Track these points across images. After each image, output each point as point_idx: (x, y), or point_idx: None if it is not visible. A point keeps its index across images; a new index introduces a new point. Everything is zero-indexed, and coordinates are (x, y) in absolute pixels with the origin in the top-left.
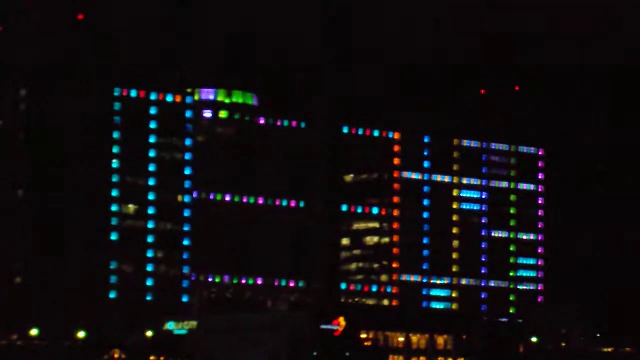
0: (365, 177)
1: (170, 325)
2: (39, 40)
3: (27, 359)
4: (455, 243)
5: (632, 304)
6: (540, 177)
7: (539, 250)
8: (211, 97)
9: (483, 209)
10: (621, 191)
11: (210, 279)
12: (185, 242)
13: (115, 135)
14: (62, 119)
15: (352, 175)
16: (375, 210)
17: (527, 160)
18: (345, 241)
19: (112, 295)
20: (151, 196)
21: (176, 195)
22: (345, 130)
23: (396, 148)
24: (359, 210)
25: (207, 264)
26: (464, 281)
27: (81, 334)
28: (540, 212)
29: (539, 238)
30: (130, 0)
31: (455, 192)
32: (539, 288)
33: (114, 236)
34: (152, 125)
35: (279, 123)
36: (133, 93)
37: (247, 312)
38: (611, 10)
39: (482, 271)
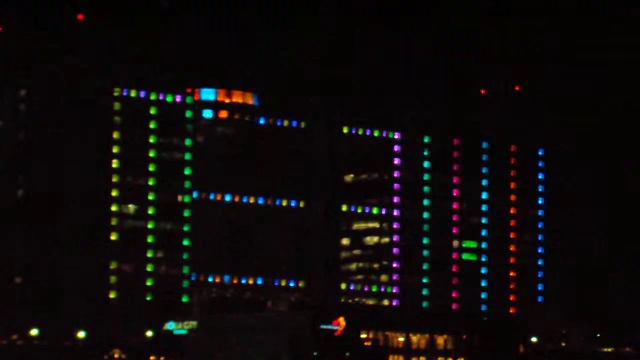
0: (365, 177)
1: (170, 326)
2: (39, 40)
3: (27, 359)
4: (455, 243)
5: (631, 303)
6: (539, 177)
7: (539, 250)
8: (211, 97)
9: (483, 209)
10: (621, 190)
11: (210, 279)
12: (185, 242)
13: (115, 135)
14: (62, 119)
15: (352, 175)
16: (375, 210)
17: (527, 160)
18: (345, 241)
19: (112, 295)
20: (151, 196)
21: (176, 195)
22: (345, 130)
23: (396, 148)
24: (359, 210)
25: (207, 264)
26: (463, 281)
27: (81, 334)
28: (540, 212)
29: (539, 238)
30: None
31: (455, 192)
32: (539, 288)
33: (114, 236)
34: (152, 125)
35: (279, 123)
36: (133, 93)
37: (247, 312)
38: None
39: (482, 271)
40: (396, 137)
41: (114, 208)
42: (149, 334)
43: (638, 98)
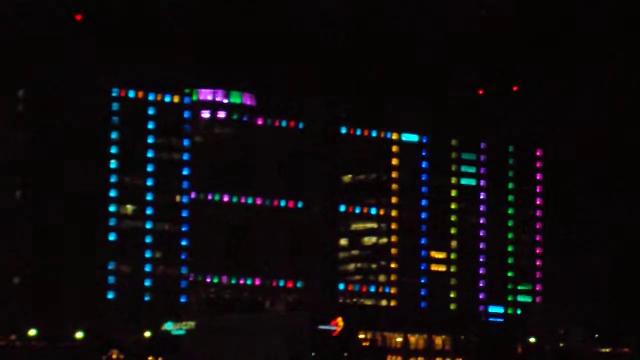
0: (364, 178)
1: (168, 326)
2: (38, 40)
3: (26, 359)
4: (454, 244)
5: (631, 304)
6: (539, 177)
7: (538, 251)
8: (209, 97)
9: (482, 209)
10: (622, 191)
11: (208, 280)
12: (184, 243)
13: (114, 135)
14: (61, 119)
15: (350, 176)
16: (373, 211)
17: (526, 160)
18: (343, 242)
19: (110, 295)
20: (149, 197)
21: (174, 195)
22: (344, 130)
23: (395, 148)
24: (358, 210)
25: (206, 265)
26: (462, 281)
27: (80, 334)
28: (539, 213)
29: (538, 238)
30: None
31: (454, 193)
32: (539, 288)
33: (112, 237)
34: (151, 125)
35: (277, 123)
36: (131, 93)
37: (246, 313)
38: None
39: (481, 272)
40: (395, 137)
41: (112, 208)
42: (147, 334)
43: (638, 97)
